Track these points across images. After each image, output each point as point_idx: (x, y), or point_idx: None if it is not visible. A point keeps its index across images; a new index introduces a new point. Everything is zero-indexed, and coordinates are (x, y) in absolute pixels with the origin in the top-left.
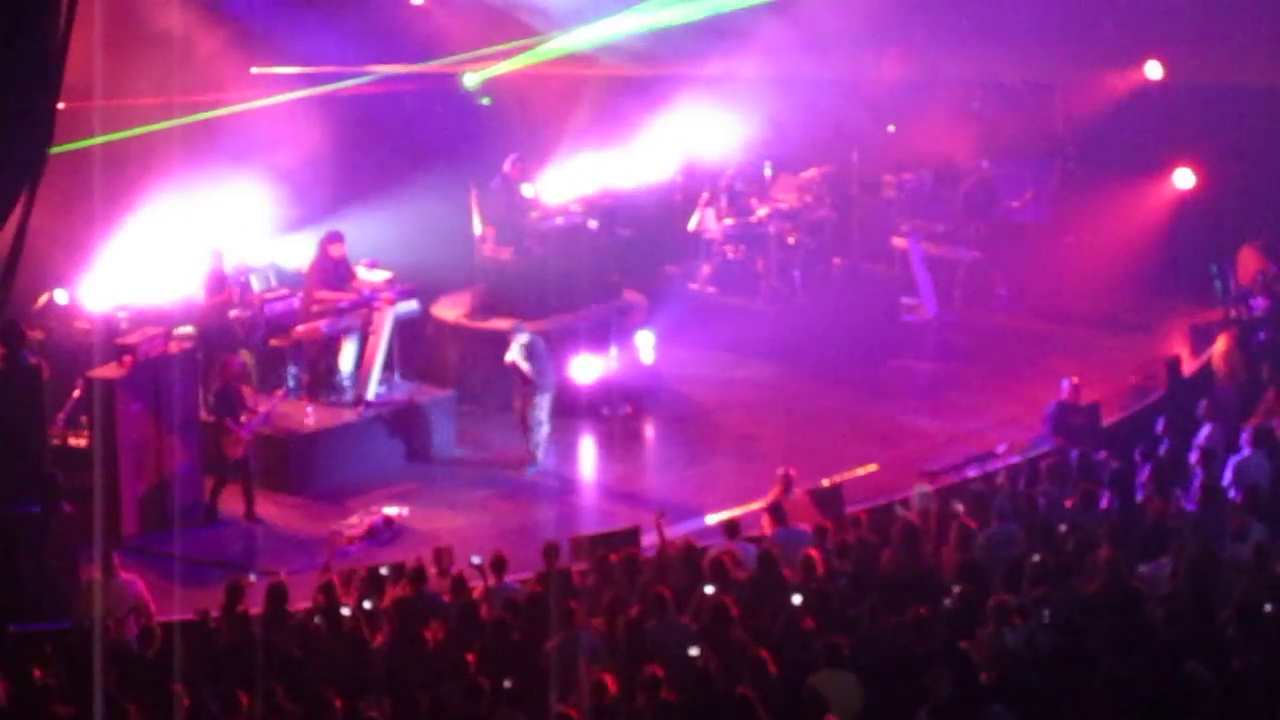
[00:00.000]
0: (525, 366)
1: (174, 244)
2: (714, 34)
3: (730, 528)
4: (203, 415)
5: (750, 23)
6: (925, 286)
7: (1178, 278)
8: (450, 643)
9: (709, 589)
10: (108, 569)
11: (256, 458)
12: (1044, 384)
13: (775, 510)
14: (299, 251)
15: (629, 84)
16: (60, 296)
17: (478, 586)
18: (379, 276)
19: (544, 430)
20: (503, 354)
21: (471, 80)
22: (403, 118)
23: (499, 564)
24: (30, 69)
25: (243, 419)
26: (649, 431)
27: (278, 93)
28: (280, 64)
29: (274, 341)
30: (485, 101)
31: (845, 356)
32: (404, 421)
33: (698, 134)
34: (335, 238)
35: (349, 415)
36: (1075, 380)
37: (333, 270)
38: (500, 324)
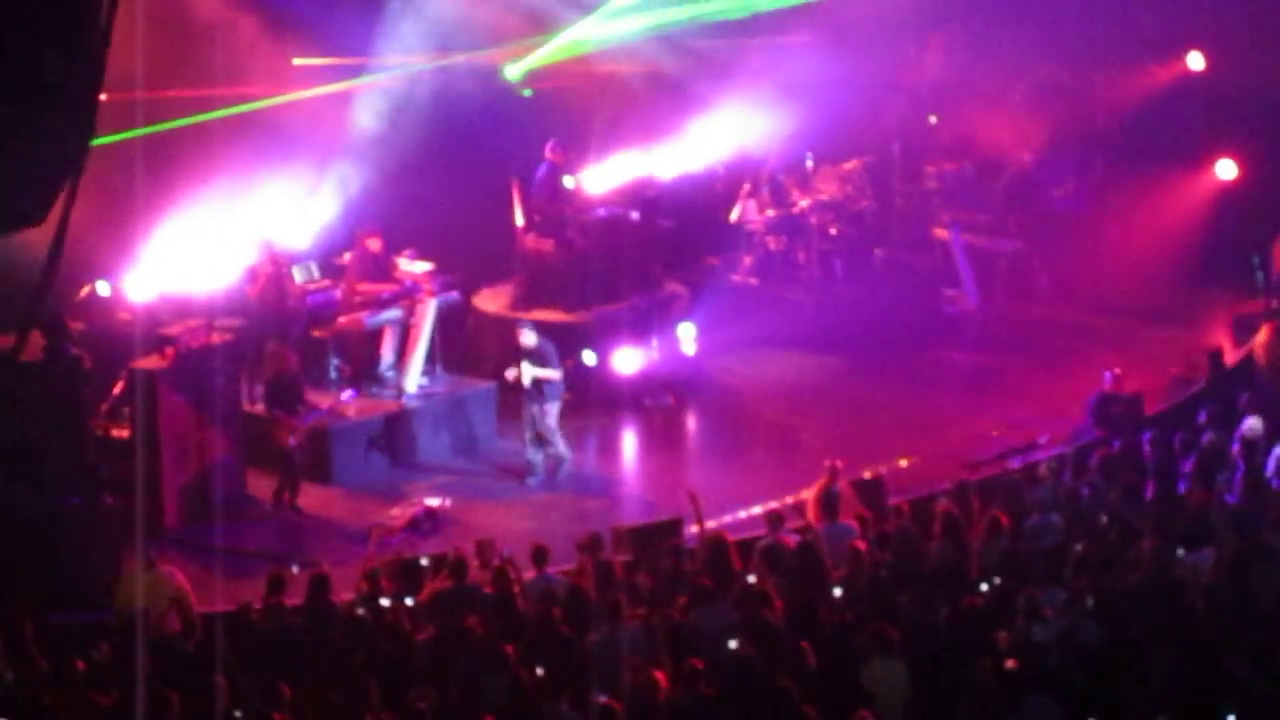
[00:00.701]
0: (540, 372)
1: (217, 235)
2: (755, 26)
3: (774, 519)
4: (247, 406)
5: (791, 15)
6: (967, 277)
7: (1219, 268)
8: (491, 635)
9: (751, 579)
10: (148, 561)
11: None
12: (1086, 375)
13: (825, 502)
14: (340, 243)
15: (670, 77)
16: (102, 288)
17: (520, 578)
18: (420, 268)
19: (559, 436)
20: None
21: (513, 72)
22: (444, 109)
23: (540, 556)
24: (73, 61)
25: (300, 411)
26: (690, 423)
27: (319, 84)
28: (321, 55)
29: (316, 333)
30: (526, 93)
31: (887, 347)
32: (445, 413)
33: (739, 125)
34: (372, 232)
35: (390, 406)
36: (1117, 371)
37: (372, 263)
38: (543, 315)
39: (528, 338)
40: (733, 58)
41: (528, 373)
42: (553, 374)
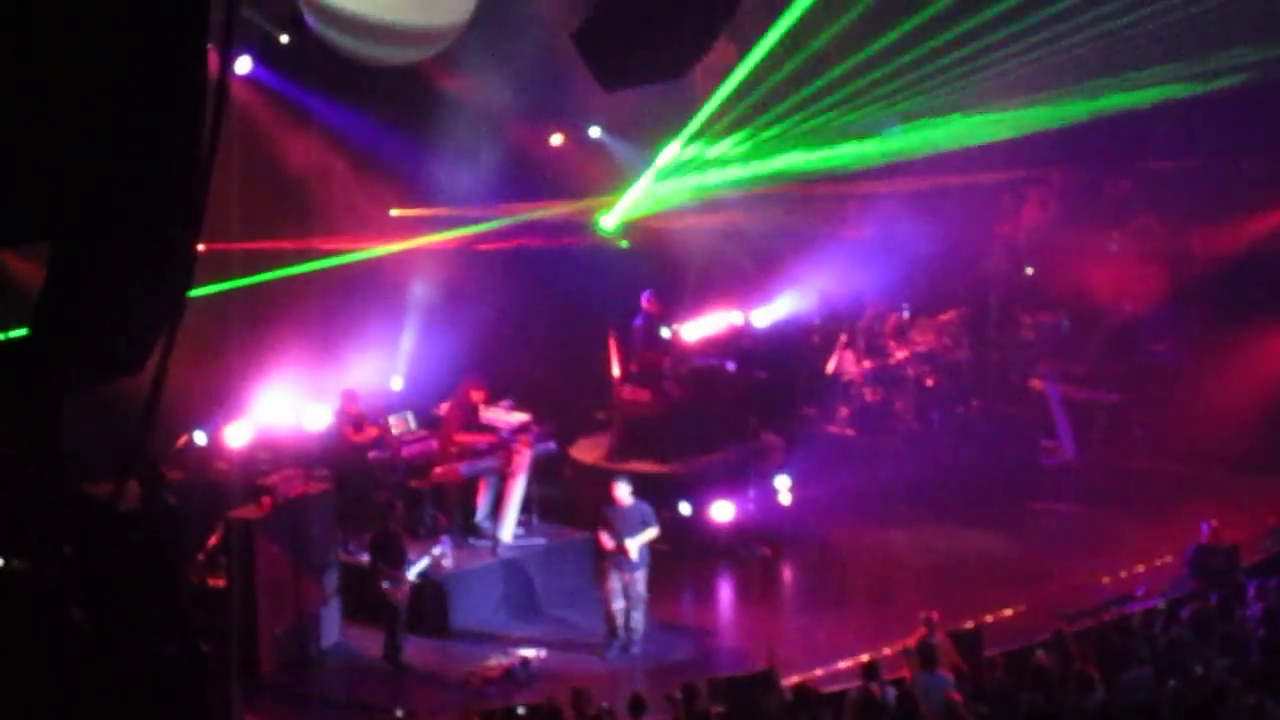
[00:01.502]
0: (648, 535)
1: (313, 386)
2: (852, 175)
3: (869, 670)
4: (348, 557)
5: (886, 167)
6: (1063, 428)
7: None
8: None
9: None
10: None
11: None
12: (1183, 526)
13: (922, 652)
14: (437, 393)
15: (763, 228)
16: (199, 437)
17: None
18: (517, 418)
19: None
20: (643, 496)
21: (608, 223)
22: (540, 260)
23: (637, 705)
24: (172, 209)
25: (403, 564)
26: (786, 574)
27: (416, 235)
28: (418, 205)
29: (413, 483)
30: (623, 244)
31: (983, 498)
32: (542, 564)
33: (835, 276)
34: (476, 383)
35: (487, 557)
36: (1215, 523)
37: (473, 414)
38: (639, 466)
39: (622, 491)
40: (830, 208)
41: (634, 545)
42: (653, 533)
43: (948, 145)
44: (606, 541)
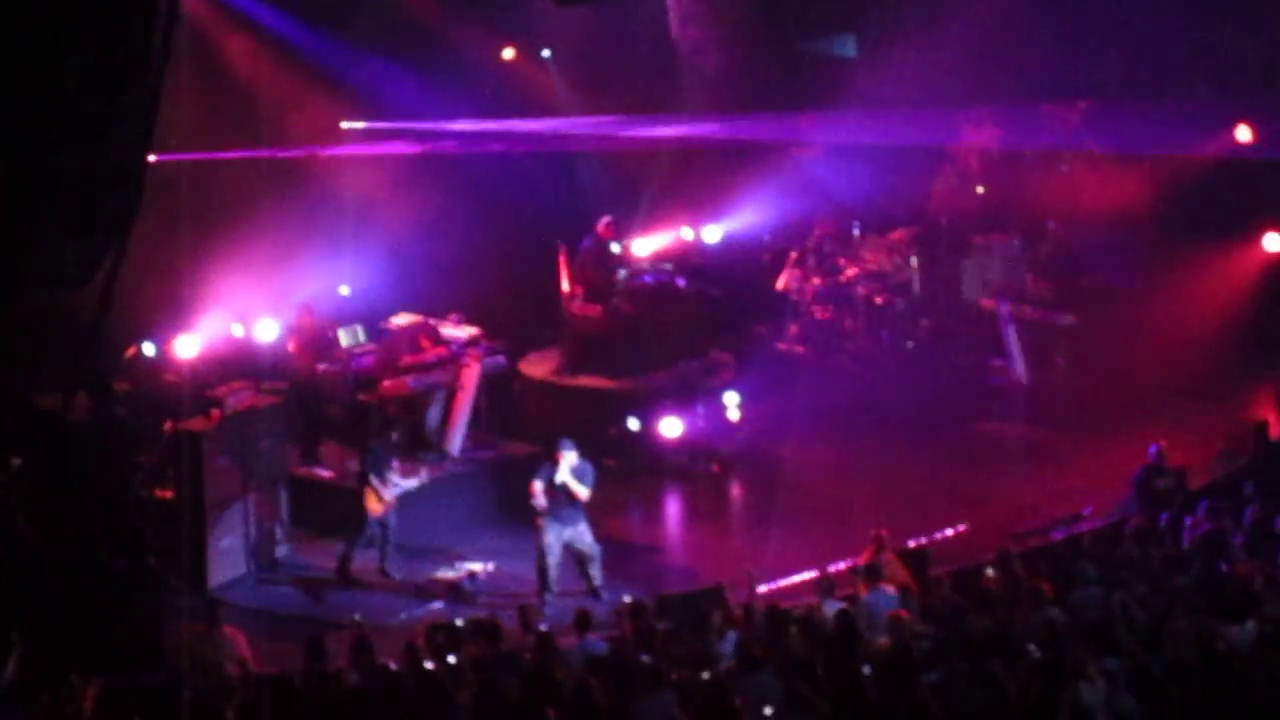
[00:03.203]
0: (574, 485)
1: (262, 298)
2: (804, 95)
3: (825, 586)
4: (314, 471)
5: (841, 86)
6: (1013, 349)
7: (1266, 342)
8: (530, 701)
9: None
10: (213, 620)
11: (338, 510)
12: (1131, 448)
13: (869, 571)
14: (386, 307)
15: (720, 149)
16: (148, 349)
17: (562, 643)
18: (466, 332)
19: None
20: (594, 412)
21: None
22: (492, 173)
23: (583, 621)
24: (121, 122)
25: (389, 480)
26: (735, 490)
27: (367, 147)
28: (370, 118)
29: (361, 396)
30: None
31: (932, 417)
32: (490, 478)
33: (787, 194)
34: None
35: (435, 471)
36: (1163, 445)
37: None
38: (589, 381)
39: (568, 456)
40: (779, 125)
41: (563, 474)
42: (583, 491)
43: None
44: (538, 493)
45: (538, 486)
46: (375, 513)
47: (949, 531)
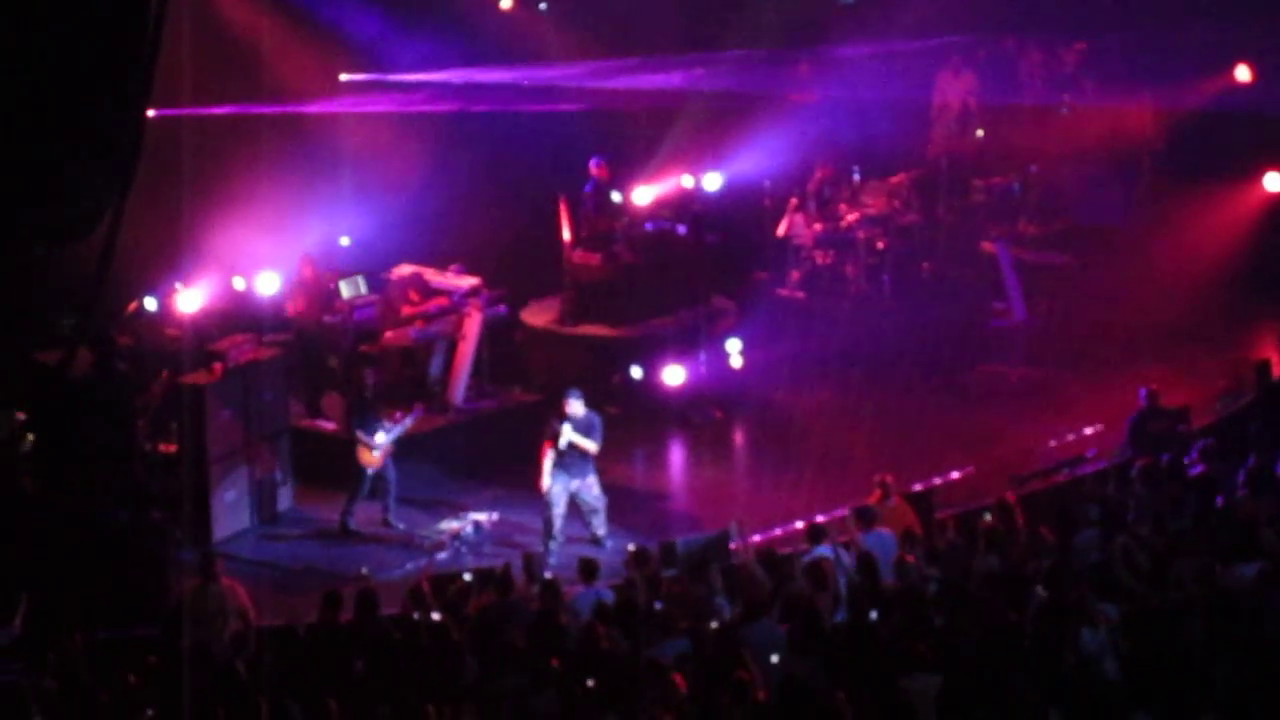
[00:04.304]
0: (580, 440)
1: (263, 251)
2: (803, 40)
3: (814, 533)
4: (317, 424)
5: (840, 30)
6: (1014, 291)
7: (1268, 281)
8: (535, 649)
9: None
10: (209, 574)
11: (342, 463)
12: (1134, 389)
13: (863, 514)
14: (386, 257)
15: (717, 98)
16: (150, 303)
17: (568, 592)
18: (467, 282)
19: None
20: (596, 361)
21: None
22: (490, 124)
23: (588, 569)
24: (120, 77)
25: (379, 430)
26: (738, 437)
27: (367, 100)
28: (369, 71)
29: (363, 348)
30: None
31: (934, 361)
32: (492, 427)
33: (787, 139)
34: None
35: (438, 421)
36: (1154, 388)
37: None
38: (590, 330)
39: (575, 407)
40: (780, 72)
41: (568, 435)
42: (591, 446)
43: None
44: (548, 466)
45: (548, 463)
46: (370, 465)
47: (953, 475)
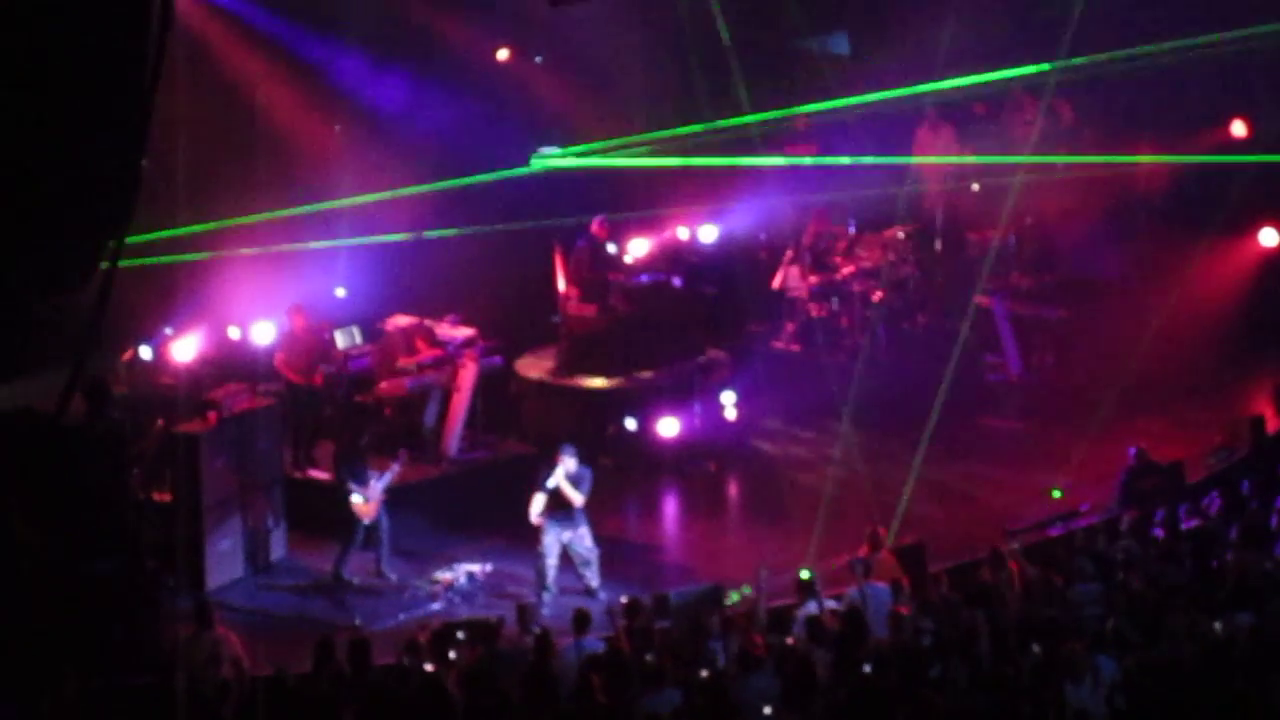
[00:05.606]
0: (569, 490)
1: (258, 301)
2: (798, 93)
3: (805, 587)
4: (309, 473)
5: (836, 83)
6: (1009, 345)
7: (1262, 336)
8: (528, 701)
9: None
10: (205, 621)
11: (335, 512)
12: (1128, 442)
13: (858, 566)
14: (381, 307)
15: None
16: (145, 352)
17: (558, 643)
18: (463, 332)
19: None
20: (589, 412)
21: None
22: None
23: (581, 621)
24: (117, 124)
25: (370, 479)
26: (732, 489)
27: (362, 150)
28: (365, 122)
29: (358, 398)
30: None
31: (928, 414)
32: (486, 478)
33: (782, 193)
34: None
35: (432, 471)
36: (1143, 446)
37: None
38: (585, 381)
39: (569, 463)
40: (775, 125)
41: (557, 478)
42: (577, 498)
43: None
44: (536, 505)
45: (536, 501)
46: (365, 515)
47: (946, 529)
